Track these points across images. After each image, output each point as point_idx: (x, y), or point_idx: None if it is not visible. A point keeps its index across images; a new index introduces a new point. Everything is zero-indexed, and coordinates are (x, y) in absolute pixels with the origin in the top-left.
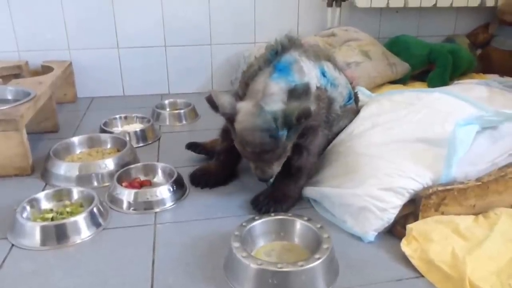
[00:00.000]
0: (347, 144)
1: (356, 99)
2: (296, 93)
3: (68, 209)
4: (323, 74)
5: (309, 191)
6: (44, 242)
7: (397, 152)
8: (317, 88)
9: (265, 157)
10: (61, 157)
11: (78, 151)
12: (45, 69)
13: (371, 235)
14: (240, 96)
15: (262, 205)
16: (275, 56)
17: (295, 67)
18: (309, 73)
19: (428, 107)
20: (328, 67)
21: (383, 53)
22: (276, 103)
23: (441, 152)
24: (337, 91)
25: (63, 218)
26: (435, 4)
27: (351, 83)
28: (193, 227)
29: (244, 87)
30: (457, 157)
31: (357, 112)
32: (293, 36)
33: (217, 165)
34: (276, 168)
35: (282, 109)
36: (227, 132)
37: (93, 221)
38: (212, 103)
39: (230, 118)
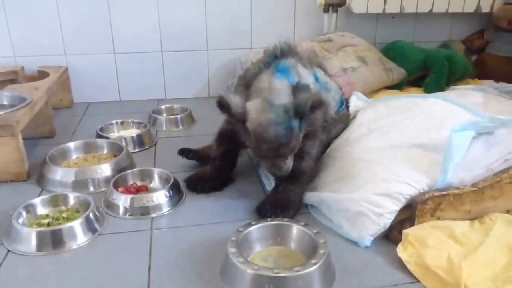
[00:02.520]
0: (344, 150)
1: (347, 105)
2: (300, 89)
3: (64, 215)
4: (316, 79)
5: (307, 196)
6: (40, 247)
7: (394, 157)
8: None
9: (281, 152)
10: (57, 163)
11: (74, 156)
12: (41, 75)
13: (367, 240)
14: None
15: (270, 212)
16: (274, 60)
17: (294, 71)
18: (306, 78)
19: (424, 113)
20: (320, 73)
21: (379, 59)
22: (283, 98)
23: (437, 158)
24: (330, 95)
25: (59, 224)
26: (431, 10)
27: (340, 89)
28: (190, 232)
29: (244, 89)
30: (453, 162)
31: (349, 116)
32: (291, 44)
33: (213, 170)
34: (290, 162)
35: (292, 101)
36: (223, 137)
37: (89, 226)
38: (223, 104)
39: (241, 119)
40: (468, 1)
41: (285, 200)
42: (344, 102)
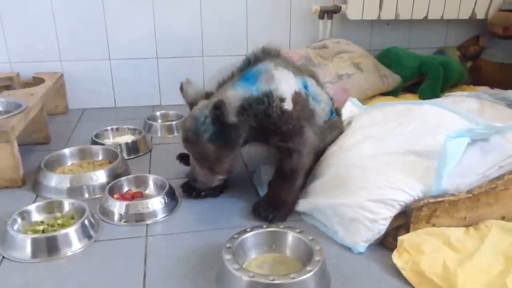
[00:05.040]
0: (338, 156)
1: (338, 113)
2: (250, 100)
3: (59, 221)
4: (305, 87)
5: (301, 204)
6: (35, 254)
7: (388, 164)
8: (295, 92)
9: (187, 147)
10: (52, 169)
11: (69, 162)
12: (37, 81)
13: (361, 246)
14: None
15: (263, 211)
16: (248, 66)
17: (264, 77)
18: (284, 80)
19: (419, 119)
20: (311, 82)
21: (375, 65)
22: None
23: (432, 164)
24: (320, 107)
25: (54, 230)
26: (426, 17)
27: (331, 99)
28: (185, 239)
29: (217, 87)
30: (447, 169)
31: (342, 124)
32: (270, 48)
33: None
34: (201, 175)
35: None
36: None
37: (84, 233)
38: (181, 88)
39: (190, 106)
40: (463, 7)
41: (277, 199)
42: (335, 112)
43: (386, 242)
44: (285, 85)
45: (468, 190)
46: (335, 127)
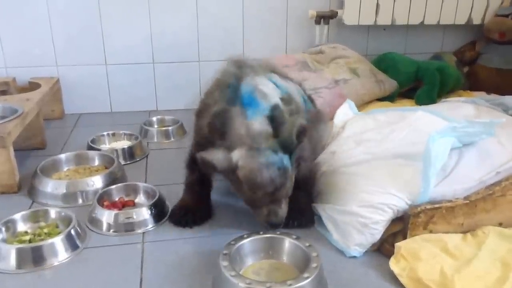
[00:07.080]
0: (329, 163)
1: (312, 101)
2: (278, 119)
3: (45, 230)
4: (276, 85)
5: None
6: (20, 265)
7: (377, 169)
8: (281, 99)
9: (278, 196)
10: (48, 174)
11: (65, 168)
12: (33, 86)
13: (353, 249)
14: (212, 142)
15: (290, 220)
16: (235, 91)
17: (257, 95)
18: (269, 90)
19: (411, 126)
20: (276, 78)
21: (371, 70)
22: (267, 140)
23: (420, 167)
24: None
25: (41, 240)
26: (422, 22)
27: (300, 85)
28: (181, 246)
29: (218, 137)
30: (433, 170)
31: (323, 115)
32: (238, 59)
33: (195, 198)
34: (285, 207)
35: (278, 139)
36: (194, 163)
37: (71, 243)
38: (208, 164)
39: (230, 171)
40: (459, 13)
41: (301, 205)
42: (307, 101)
43: (383, 249)
44: (274, 93)
45: (465, 196)
46: (317, 121)
